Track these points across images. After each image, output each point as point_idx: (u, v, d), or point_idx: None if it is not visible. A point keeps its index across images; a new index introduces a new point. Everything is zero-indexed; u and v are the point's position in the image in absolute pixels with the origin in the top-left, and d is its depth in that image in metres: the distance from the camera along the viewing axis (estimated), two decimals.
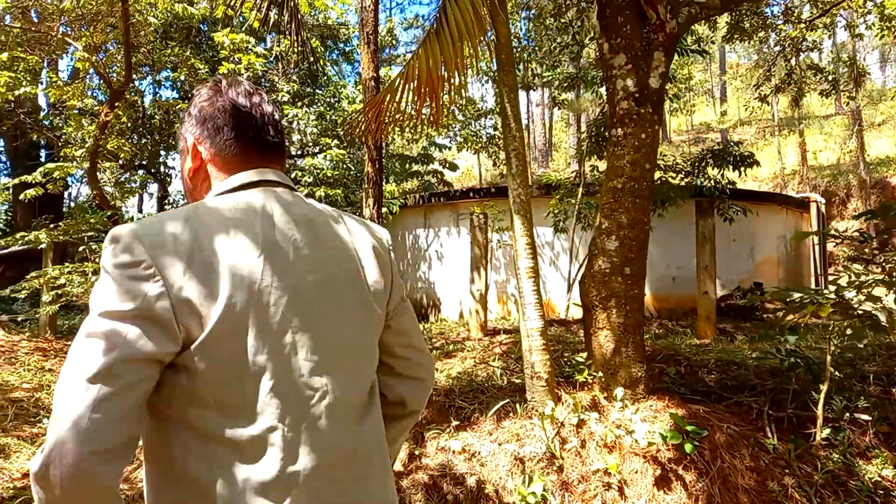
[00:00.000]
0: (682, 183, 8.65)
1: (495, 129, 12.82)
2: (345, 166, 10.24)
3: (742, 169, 8.26)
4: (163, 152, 11.28)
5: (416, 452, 3.45)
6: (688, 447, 3.20)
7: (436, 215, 11.89)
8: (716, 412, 3.66)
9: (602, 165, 9.62)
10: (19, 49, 7.45)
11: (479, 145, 12.75)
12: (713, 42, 13.77)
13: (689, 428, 3.32)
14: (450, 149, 14.79)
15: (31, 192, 6.97)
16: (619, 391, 3.56)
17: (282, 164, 1.19)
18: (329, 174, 9.75)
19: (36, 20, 8.99)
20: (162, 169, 12.23)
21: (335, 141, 10.27)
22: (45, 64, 10.31)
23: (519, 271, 3.61)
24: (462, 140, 12.47)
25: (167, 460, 0.94)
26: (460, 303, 11.33)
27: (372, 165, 8.74)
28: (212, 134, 1.13)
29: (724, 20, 9.67)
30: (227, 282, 0.94)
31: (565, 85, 9.60)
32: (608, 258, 3.75)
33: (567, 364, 4.55)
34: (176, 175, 13.72)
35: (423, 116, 3.75)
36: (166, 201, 11.99)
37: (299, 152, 12.30)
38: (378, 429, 1.13)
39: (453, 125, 12.21)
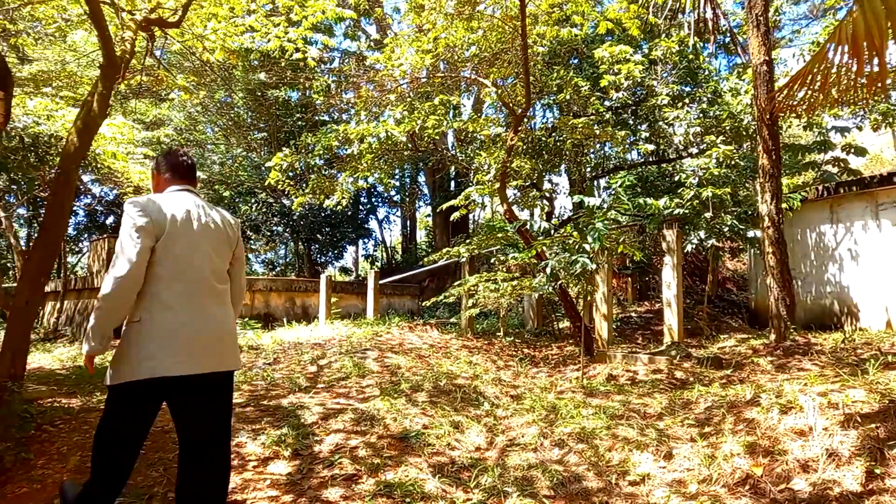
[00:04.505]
0: None
1: None
2: (732, 163, 9.56)
3: None
4: (546, 173, 12.24)
5: (877, 471, 2.97)
6: None
7: (846, 208, 10.20)
8: None
9: None
10: (441, 95, 8.99)
11: None
12: None
13: None
14: (861, 129, 12.55)
15: (456, 213, 8.26)
16: None
17: (193, 185, 2.77)
18: (715, 172, 9.22)
19: (443, 69, 10.75)
20: (547, 185, 13.24)
21: (720, 137, 9.69)
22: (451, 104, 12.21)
23: None
24: (879, 116, 10.46)
25: (145, 286, 2.40)
26: (886, 310, 9.46)
27: (767, 157, 7.97)
28: (166, 170, 2.74)
29: None
30: (169, 221, 2.44)
31: None
32: None
33: None
34: (561, 191, 14.75)
35: (866, 75, 3.23)
36: (553, 216, 12.94)
37: (679, 155, 11.98)
38: (228, 296, 2.70)
39: (864, 101, 10.34)
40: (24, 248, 12.52)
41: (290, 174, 10.39)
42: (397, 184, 21.15)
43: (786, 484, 3.11)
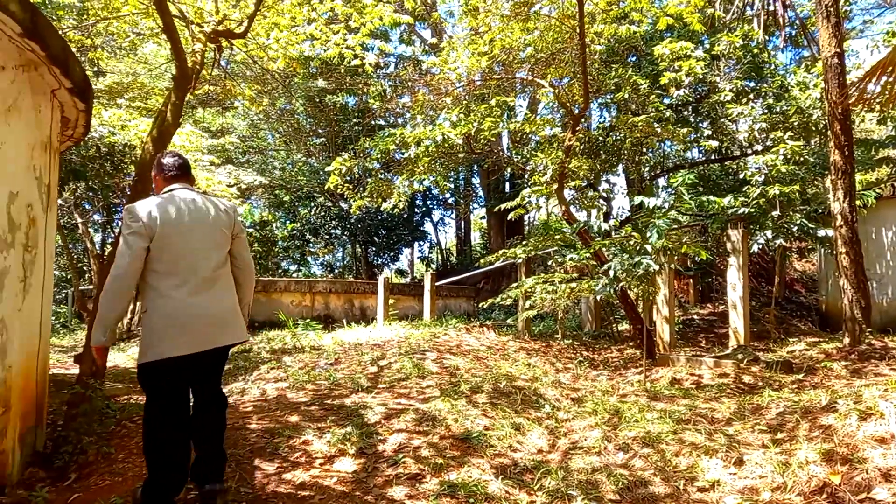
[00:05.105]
0: None
1: None
2: (801, 159, 9.19)
3: None
4: (603, 173, 12.06)
5: None
6: None
7: None
8: None
9: None
10: (497, 96, 8.99)
11: None
12: None
13: None
14: None
15: (512, 214, 8.23)
16: None
17: (188, 181, 3.14)
18: (783, 170, 8.88)
19: (497, 70, 10.73)
20: (604, 185, 13.04)
21: (788, 133, 9.34)
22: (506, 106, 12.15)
23: None
24: None
25: (143, 286, 2.87)
26: None
27: (839, 153, 7.64)
28: (162, 171, 3.11)
29: None
30: (160, 221, 2.81)
31: None
32: None
33: None
34: (618, 192, 14.52)
35: None
36: (611, 216, 12.74)
37: (743, 152, 11.61)
38: (227, 279, 3.07)
39: None
40: (99, 251, 13.17)
41: (349, 178, 10.59)
42: (452, 186, 21.23)
43: (866, 493, 2.98)
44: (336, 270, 21.92)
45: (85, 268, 15.39)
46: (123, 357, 9.31)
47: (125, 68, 11.92)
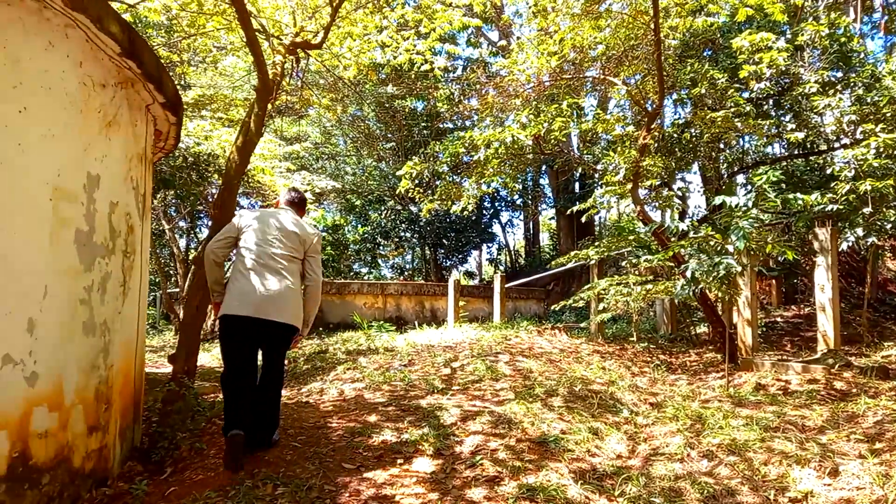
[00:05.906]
0: None
1: None
2: (894, 152, 8.63)
3: None
4: (678, 171, 11.70)
5: None
6: None
7: None
8: None
9: None
10: (567, 96, 8.89)
11: None
12: None
13: None
14: None
15: (585, 215, 8.11)
16: None
17: (295, 209, 4.32)
18: (874, 164, 8.36)
19: (568, 70, 10.60)
20: (680, 184, 12.65)
21: (880, 125, 8.78)
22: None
23: None
24: None
25: (233, 264, 4.00)
26: None
27: None
28: (282, 198, 4.39)
29: None
30: (249, 222, 4.01)
31: None
32: None
33: None
34: (694, 190, 14.06)
35: None
36: (686, 215, 12.36)
37: (830, 146, 11.01)
38: (290, 273, 3.92)
39: None
40: (184, 256, 13.84)
41: (418, 182, 10.70)
42: (520, 187, 21.11)
43: None
44: (406, 273, 22.19)
45: (171, 272, 16.19)
46: (208, 357, 9.75)
47: (207, 81, 12.50)
